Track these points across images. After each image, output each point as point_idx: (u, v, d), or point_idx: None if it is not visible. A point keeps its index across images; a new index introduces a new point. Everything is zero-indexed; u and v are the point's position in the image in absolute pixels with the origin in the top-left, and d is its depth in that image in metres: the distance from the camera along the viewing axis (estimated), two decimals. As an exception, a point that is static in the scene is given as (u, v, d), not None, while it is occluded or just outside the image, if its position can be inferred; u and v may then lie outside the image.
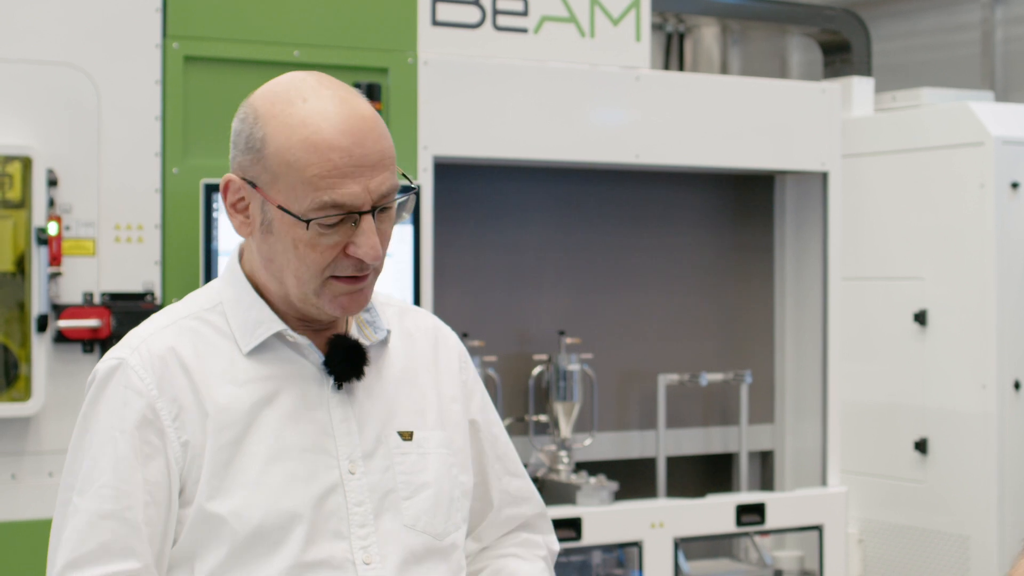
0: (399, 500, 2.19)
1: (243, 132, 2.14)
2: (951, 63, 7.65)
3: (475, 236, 5.57)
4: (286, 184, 2.08)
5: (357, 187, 2.06)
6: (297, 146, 2.07)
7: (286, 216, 2.08)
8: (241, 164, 2.14)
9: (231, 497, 2.10)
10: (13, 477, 4.48)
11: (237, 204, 2.16)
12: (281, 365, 2.18)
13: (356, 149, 2.07)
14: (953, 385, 5.86)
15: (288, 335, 2.18)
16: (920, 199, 5.98)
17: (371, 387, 2.23)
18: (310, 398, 2.18)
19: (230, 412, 2.12)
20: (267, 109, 2.12)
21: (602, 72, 5.41)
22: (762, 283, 6.20)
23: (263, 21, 4.82)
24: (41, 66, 4.53)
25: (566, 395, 5.50)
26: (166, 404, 2.11)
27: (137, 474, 2.09)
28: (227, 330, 2.19)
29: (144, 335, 2.18)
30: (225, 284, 2.24)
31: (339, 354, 2.19)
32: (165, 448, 2.10)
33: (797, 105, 5.85)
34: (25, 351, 4.46)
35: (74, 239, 4.55)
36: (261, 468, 2.12)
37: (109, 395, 2.13)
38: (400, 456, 2.22)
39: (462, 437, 2.33)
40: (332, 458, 2.16)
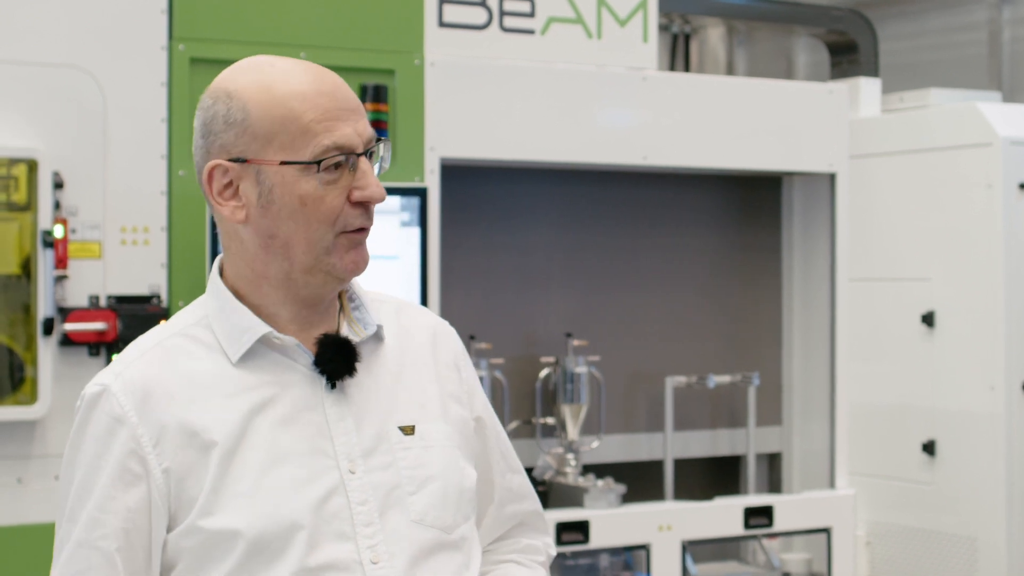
0: (405, 496, 2.16)
1: (216, 114, 2.13)
2: (958, 63, 7.63)
3: (482, 238, 5.56)
4: (284, 139, 2.08)
5: (349, 128, 2.10)
6: (285, 99, 2.08)
7: (290, 172, 2.08)
8: (222, 145, 2.12)
9: (227, 511, 2.07)
10: (19, 481, 4.47)
11: (224, 191, 2.13)
12: (271, 371, 2.16)
13: (338, 93, 2.12)
14: (961, 386, 5.84)
15: (275, 337, 2.15)
16: (928, 200, 5.97)
17: (367, 384, 2.20)
18: (304, 400, 2.15)
19: (221, 425, 2.10)
20: (238, 85, 2.12)
21: (609, 73, 5.40)
22: (770, 284, 6.19)
23: (269, 23, 4.81)
24: (47, 68, 4.51)
25: (573, 397, 5.48)
26: (147, 430, 2.08)
27: (116, 502, 2.07)
28: (214, 342, 2.16)
29: (128, 360, 2.16)
30: (209, 297, 2.22)
31: (329, 352, 2.16)
32: (147, 475, 2.08)
33: (805, 106, 5.84)
34: (31, 354, 4.45)
35: (80, 242, 4.53)
36: (257, 477, 2.08)
37: (93, 422, 2.11)
38: (403, 451, 2.18)
39: (462, 435, 2.30)
40: (331, 459, 2.13)
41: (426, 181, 4.96)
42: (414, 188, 4.90)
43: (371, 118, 4.85)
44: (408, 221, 4.88)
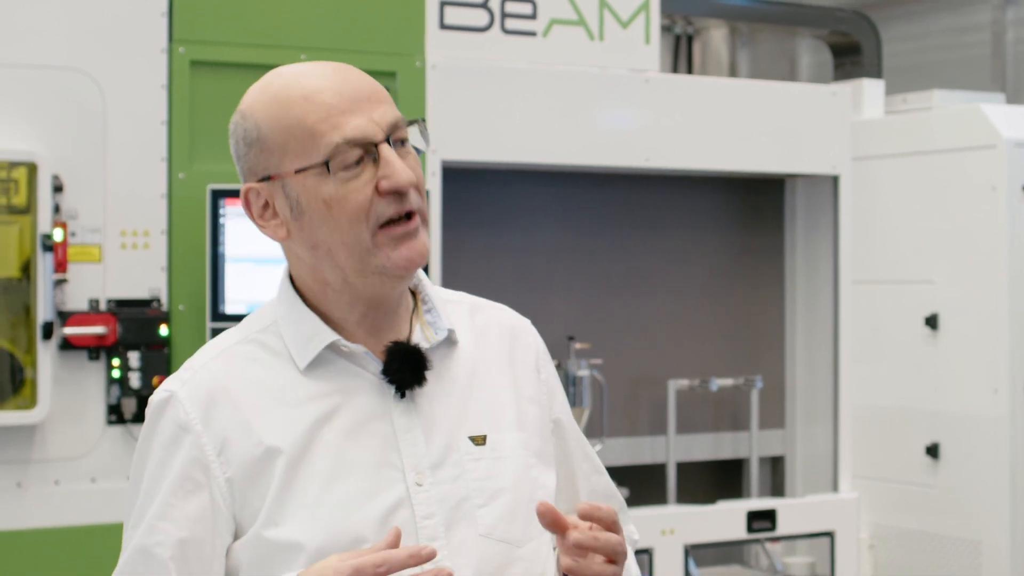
0: (473, 508, 2.10)
1: (239, 137, 2.11)
2: (961, 65, 7.61)
3: (483, 241, 5.54)
4: (295, 147, 2.05)
5: (361, 119, 2.04)
6: (288, 108, 2.05)
7: (309, 179, 2.05)
8: (249, 167, 2.11)
9: (290, 523, 2.03)
10: (19, 485, 4.45)
11: (264, 212, 2.12)
12: (339, 379, 2.11)
13: (345, 86, 2.06)
14: (965, 389, 5.82)
15: (343, 344, 2.11)
16: (931, 202, 5.94)
17: (437, 392, 2.15)
18: (371, 410, 2.10)
19: (287, 434, 2.06)
20: (249, 103, 2.11)
21: (611, 75, 5.39)
22: (772, 287, 6.17)
23: (270, 25, 4.80)
24: (46, 71, 4.50)
25: (576, 401, 5.46)
26: (211, 439, 2.06)
27: (176, 511, 2.05)
28: (283, 349, 2.13)
29: (196, 366, 2.14)
30: (279, 303, 2.18)
31: (397, 360, 2.11)
32: (210, 484, 2.06)
33: (807, 108, 5.82)
34: (31, 358, 4.43)
35: (80, 245, 4.52)
36: (321, 489, 2.04)
37: (160, 429, 2.10)
38: (472, 462, 2.12)
39: (541, 438, 2.23)
40: (397, 471, 2.08)
41: (428, 184, 4.95)
42: (416, 191, 4.86)
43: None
44: (409, 224, 4.85)
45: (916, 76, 7.53)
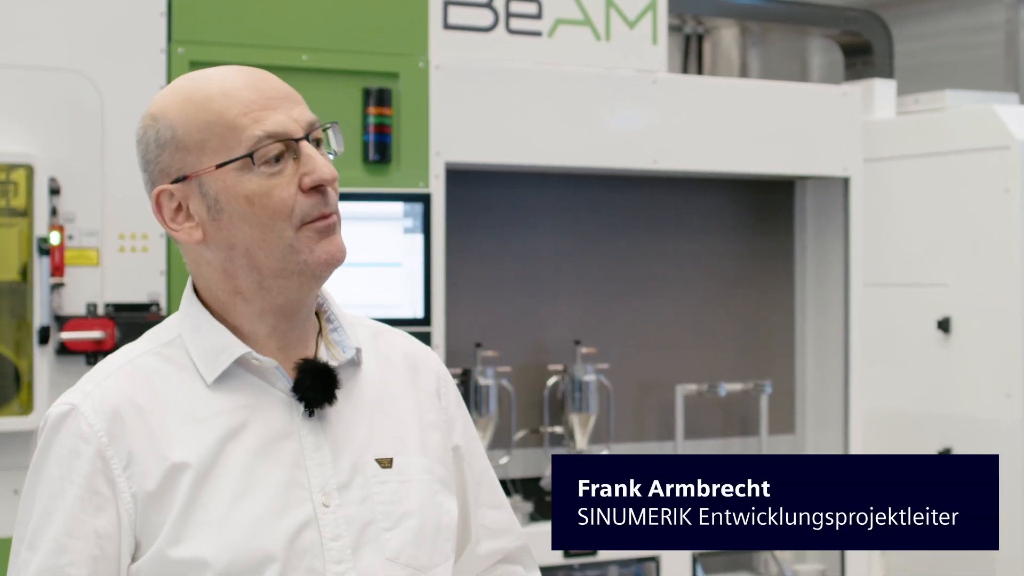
0: (380, 532, 2.07)
1: (149, 140, 2.09)
2: (974, 64, 7.55)
3: (488, 244, 5.49)
4: (214, 143, 2.02)
5: (280, 115, 2.02)
6: (207, 103, 2.02)
7: (230, 175, 2.01)
8: (162, 169, 2.07)
9: (195, 539, 1.97)
10: (15, 492, 4.40)
11: (176, 215, 2.06)
12: (247, 394, 2.06)
13: (263, 84, 2.04)
14: (977, 393, 5.77)
15: (253, 358, 2.05)
16: (944, 204, 5.89)
17: (344, 412, 2.11)
18: (279, 427, 2.06)
19: (193, 450, 2.00)
20: (160, 106, 2.08)
21: (618, 76, 5.32)
22: (782, 290, 6.11)
23: (270, 25, 4.74)
24: (43, 72, 4.45)
25: (582, 406, 5.41)
26: (116, 452, 1.99)
27: (85, 527, 1.98)
28: (187, 363, 2.07)
29: (97, 379, 2.06)
30: (182, 315, 2.13)
31: (308, 378, 2.07)
32: (116, 499, 1.99)
33: (818, 109, 5.75)
34: (27, 363, 4.38)
35: (77, 249, 4.46)
36: (228, 506, 1.99)
37: (59, 443, 2.01)
38: (379, 485, 2.09)
39: (443, 465, 2.20)
40: (305, 490, 2.03)
41: (431, 186, 4.89)
42: (418, 194, 4.82)
43: (374, 122, 4.79)
44: (412, 227, 4.81)
45: (928, 76, 7.48)
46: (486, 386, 5.11)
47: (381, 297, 4.67)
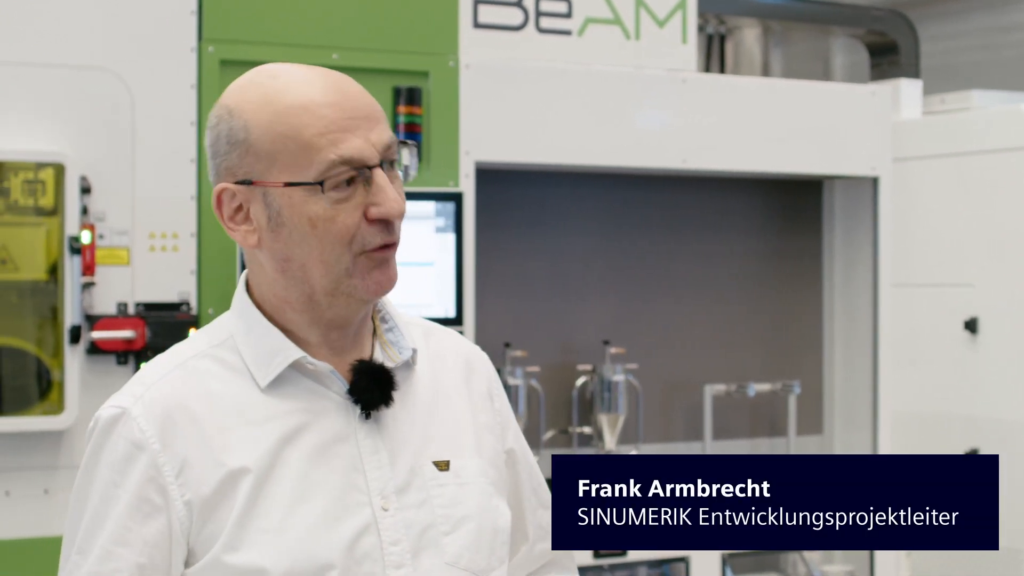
0: (439, 536, 2.04)
1: (220, 134, 2.01)
2: (998, 64, 7.53)
3: (517, 244, 5.48)
4: (286, 158, 1.96)
5: (359, 140, 1.96)
6: (285, 114, 1.95)
7: (296, 193, 1.95)
8: (228, 167, 2.00)
9: (254, 547, 1.94)
10: (46, 492, 4.40)
11: (236, 215, 2.02)
12: (302, 398, 2.03)
13: (347, 102, 1.97)
14: (1005, 394, 5.75)
15: (308, 363, 2.02)
16: (970, 204, 5.88)
17: (400, 414, 2.08)
18: (336, 431, 2.02)
19: (249, 455, 1.97)
20: (238, 100, 2.00)
21: (647, 75, 5.30)
22: (810, 290, 6.09)
23: (301, 24, 4.73)
24: (74, 70, 4.44)
25: (611, 406, 5.40)
26: (169, 459, 1.96)
27: (132, 535, 1.95)
28: (241, 365, 2.03)
29: (149, 381, 2.02)
30: (235, 316, 2.09)
31: (364, 380, 2.04)
32: (167, 507, 1.95)
33: (846, 108, 5.73)
34: (58, 362, 4.38)
35: (108, 248, 4.45)
36: (285, 512, 1.96)
37: (110, 448, 1.98)
38: (437, 488, 2.06)
39: (496, 468, 2.17)
40: (363, 495, 2.00)
41: (461, 185, 4.87)
42: (449, 193, 4.81)
43: (404, 121, 4.77)
44: (443, 227, 4.79)
45: (951, 75, 7.46)
46: (515, 386, 5.11)
47: (413, 297, 4.66)
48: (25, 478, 4.38)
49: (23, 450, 4.37)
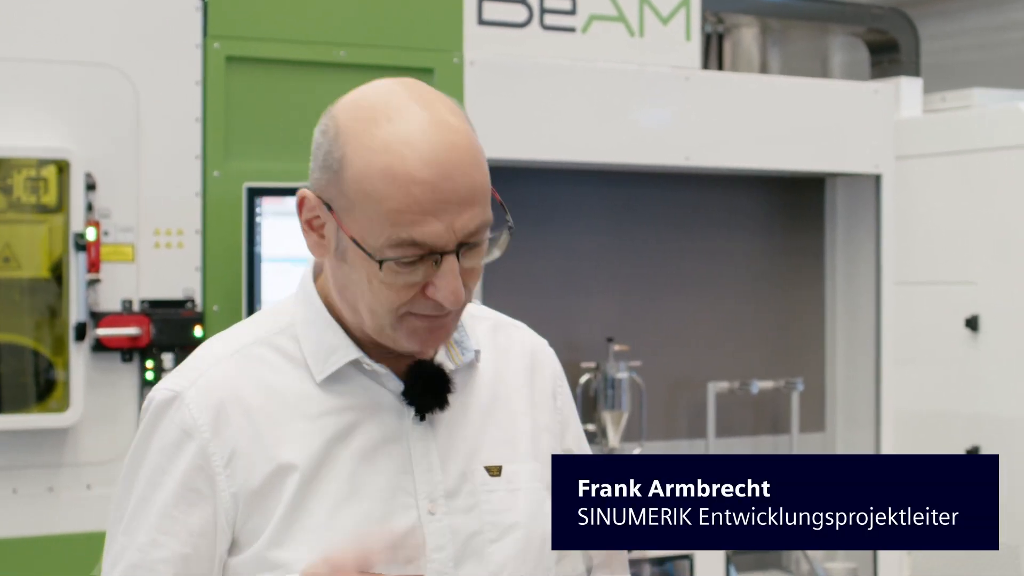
0: (485, 544, 2.00)
1: (322, 147, 1.93)
2: (998, 63, 7.54)
3: (521, 241, 5.41)
4: (362, 215, 1.87)
5: (440, 226, 1.85)
6: (376, 175, 1.85)
7: (360, 250, 1.89)
8: (318, 182, 1.93)
9: (297, 544, 1.92)
10: (51, 490, 4.38)
11: (313, 222, 1.95)
12: (357, 395, 1.99)
13: (443, 183, 1.85)
14: (1006, 392, 5.75)
15: (365, 363, 1.99)
16: (971, 202, 5.88)
17: (456, 417, 2.04)
18: (388, 431, 1.99)
19: (300, 450, 1.95)
20: (348, 125, 1.90)
21: (651, 72, 5.30)
22: (813, 288, 6.10)
23: (306, 20, 4.72)
24: (78, 67, 4.43)
25: (614, 404, 5.39)
26: (219, 448, 1.93)
27: (177, 524, 1.93)
28: (299, 356, 2.00)
29: (204, 366, 2.00)
30: (298, 304, 2.04)
31: (420, 382, 2.00)
32: (214, 496, 1.93)
33: (849, 106, 5.74)
34: (62, 360, 4.36)
35: (113, 245, 4.44)
36: (331, 511, 1.94)
37: (162, 431, 1.96)
38: (487, 494, 2.02)
39: None
40: (410, 497, 1.97)
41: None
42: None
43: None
44: (449, 224, 4.78)
45: (951, 74, 7.46)
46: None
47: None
48: (30, 476, 4.37)
49: (28, 448, 4.36)
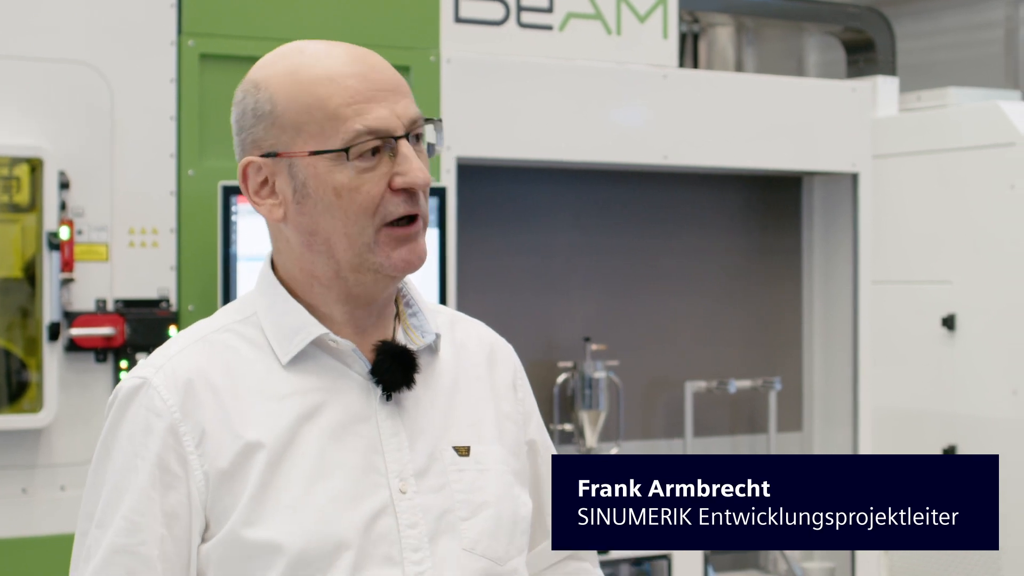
0: (457, 521, 2.01)
1: (246, 107, 2.01)
2: (973, 62, 7.55)
3: (498, 240, 5.46)
4: (311, 128, 1.96)
5: (384, 110, 1.96)
6: (311, 85, 1.96)
7: (322, 163, 1.95)
8: (254, 140, 2.00)
9: (270, 523, 1.92)
10: (24, 491, 4.35)
11: (261, 189, 2.01)
12: (323, 375, 2.01)
13: (372, 74, 1.98)
14: (983, 391, 5.75)
15: (330, 339, 2.00)
16: (948, 201, 5.88)
17: (422, 398, 2.05)
18: (356, 410, 2.00)
19: (268, 430, 1.95)
20: (265, 74, 2.01)
21: (629, 70, 5.29)
22: (790, 286, 6.10)
23: (281, 18, 4.69)
24: (52, 64, 4.40)
25: (592, 403, 5.38)
26: (190, 429, 1.94)
27: (155, 505, 1.93)
28: (263, 342, 2.02)
29: (170, 353, 2.01)
30: (259, 293, 2.07)
31: (387, 361, 2.01)
32: (187, 477, 1.94)
33: (827, 105, 5.74)
34: (36, 360, 4.33)
35: (86, 244, 4.41)
36: (303, 490, 1.94)
37: (130, 418, 1.97)
38: (456, 473, 2.03)
39: (517, 458, 2.15)
40: (381, 476, 1.98)
41: (443, 181, 4.85)
42: (432, 188, 4.77)
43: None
44: (426, 222, 4.77)
45: (926, 73, 7.47)
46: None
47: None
48: (3, 477, 4.34)
49: (1, 449, 4.33)
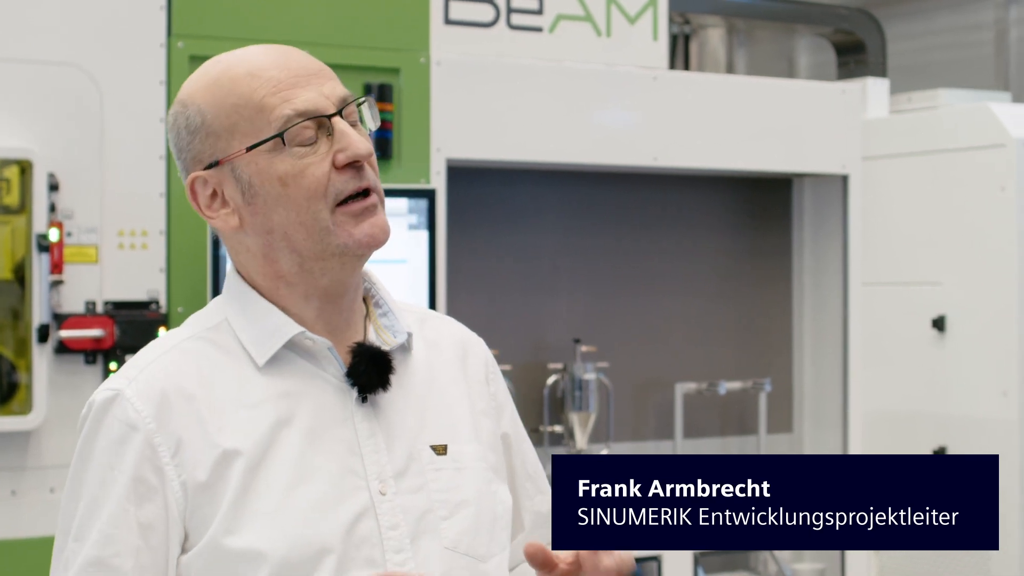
0: (437, 521, 2.02)
1: (179, 127, 2.02)
2: (964, 64, 7.55)
3: (488, 241, 5.46)
4: (243, 126, 1.97)
5: (311, 93, 1.97)
6: (234, 86, 1.98)
7: (262, 157, 1.96)
8: (194, 156, 2.01)
9: (251, 530, 1.92)
10: (13, 493, 4.35)
11: (212, 202, 2.01)
12: (298, 379, 2.01)
13: (291, 62, 1.99)
14: (973, 392, 5.74)
15: (307, 337, 2.00)
16: (938, 202, 5.87)
17: (396, 398, 2.05)
18: (332, 414, 2.00)
19: (245, 437, 1.95)
20: (189, 91, 2.03)
21: (619, 72, 5.30)
22: (780, 288, 6.11)
23: (271, 20, 4.70)
24: (42, 66, 4.40)
25: (582, 405, 5.39)
26: (165, 439, 1.93)
27: (130, 517, 1.92)
28: (235, 348, 2.02)
29: (142, 363, 2.00)
30: (228, 299, 2.07)
31: (363, 363, 2.01)
32: (163, 488, 1.93)
33: (817, 106, 5.75)
34: (25, 362, 4.33)
35: (76, 246, 4.41)
36: (282, 495, 1.94)
37: (104, 431, 1.95)
38: (434, 472, 2.04)
39: (494, 453, 2.15)
40: (360, 479, 1.98)
41: (433, 182, 4.85)
42: (422, 190, 4.78)
43: (376, 118, 4.74)
44: (416, 224, 4.77)
45: (917, 75, 7.47)
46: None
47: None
48: (-9, 479, 4.34)
49: (-10, 451, 4.33)
